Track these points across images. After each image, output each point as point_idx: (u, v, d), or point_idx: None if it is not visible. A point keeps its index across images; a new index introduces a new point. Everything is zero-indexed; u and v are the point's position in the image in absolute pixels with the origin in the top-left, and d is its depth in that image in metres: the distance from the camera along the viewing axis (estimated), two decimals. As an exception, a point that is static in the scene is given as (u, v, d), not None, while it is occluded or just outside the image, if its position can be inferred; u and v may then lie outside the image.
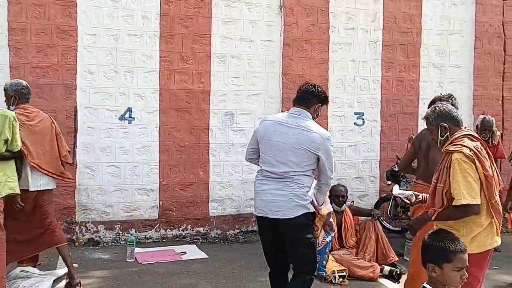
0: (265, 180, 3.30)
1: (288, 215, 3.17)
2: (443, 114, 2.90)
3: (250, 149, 3.54)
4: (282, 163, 3.21)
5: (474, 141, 2.81)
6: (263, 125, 3.42)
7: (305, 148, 3.20)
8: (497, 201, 2.76)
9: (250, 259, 5.29)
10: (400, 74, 7.15)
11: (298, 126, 3.26)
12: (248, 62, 6.51)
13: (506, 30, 7.56)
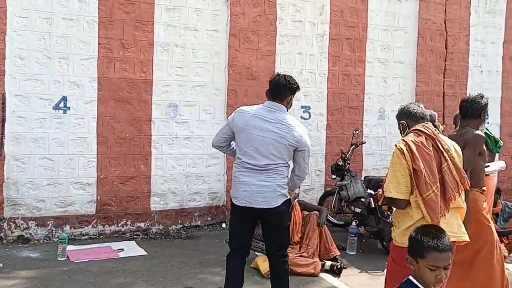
0: (247, 172, 3.41)
1: (273, 204, 3.40)
2: (403, 112, 3.01)
3: (222, 137, 3.61)
4: (264, 156, 3.36)
5: (419, 136, 2.83)
6: (240, 117, 3.47)
7: (285, 142, 3.36)
8: (430, 197, 2.70)
9: (191, 256, 5.13)
10: (346, 68, 7.18)
11: (276, 120, 3.38)
12: (193, 51, 6.30)
13: (448, 28, 7.76)
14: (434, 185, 2.74)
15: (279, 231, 3.54)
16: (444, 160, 2.82)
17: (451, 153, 2.85)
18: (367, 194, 5.85)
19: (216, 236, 5.99)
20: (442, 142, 2.86)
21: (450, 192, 2.79)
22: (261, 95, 6.60)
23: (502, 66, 8.34)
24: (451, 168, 2.82)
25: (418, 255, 2.11)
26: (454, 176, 2.81)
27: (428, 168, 2.76)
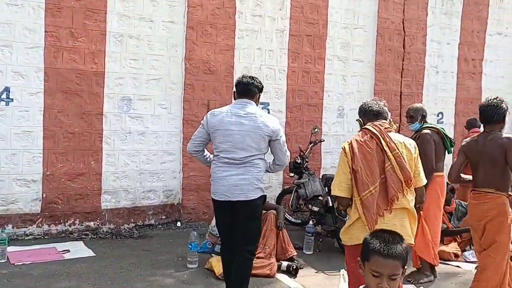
0: (225, 167, 3.49)
1: (250, 197, 3.47)
2: (360, 109, 3.05)
3: (198, 140, 3.69)
4: (241, 149, 3.46)
5: (365, 134, 2.85)
6: (214, 117, 3.58)
7: (260, 133, 3.47)
8: (366, 197, 2.70)
9: (142, 256, 4.90)
10: (306, 65, 7.10)
11: (249, 114, 3.51)
12: (148, 43, 6.04)
13: (406, 27, 7.83)
14: (372, 185, 2.73)
15: (250, 225, 3.57)
16: (387, 160, 2.78)
17: (397, 152, 2.79)
18: (325, 193, 5.80)
19: (170, 236, 5.77)
20: (388, 141, 2.81)
21: (393, 192, 2.75)
22: (219, 90, 6.46)
23: (457, 67, 8.51)
24: (395, 167, 2.77)
25: (364, 257, 1.97)
26: (398, 175, 2.77)
27: (368, 168, 2.76)
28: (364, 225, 2.73)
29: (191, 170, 6.30)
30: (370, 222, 2.69)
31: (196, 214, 6.37)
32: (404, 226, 2.78)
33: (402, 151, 2.82)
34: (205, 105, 6.38)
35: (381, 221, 2.72)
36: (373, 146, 2.80)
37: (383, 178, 2.77)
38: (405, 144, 2.89)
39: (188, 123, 6.28)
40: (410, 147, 2.88)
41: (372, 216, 2.71)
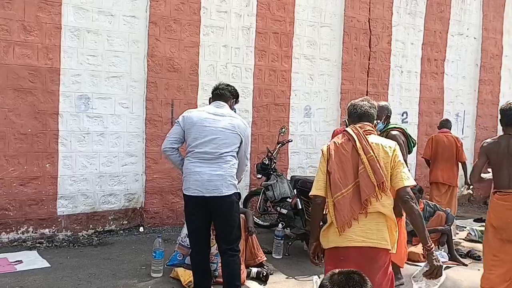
0: (199, 162, 3.53)
1: (225, 193, 3.49)
2: (347, 110, 3.03)
3: (175, 137, 3.71)
4: (216, 144, 3.53)
5: (344, 137, 2.85)
6: (190, 115, 3.66)
7: (234, 131, 3.60)
8: (338, 200, 2.68)
9: (102, 266, 4.59)
10: (273, 63, 6.94)
11: (224, 114, 3.66)
12: (107, 39, 5.70)
13: (372, 26, 7.81)
14: (345, 188, 2.70)
15: (229, 222, 3.59)
16: (361, 163, 2.73)
17: (371, 155, 2.72)
18: (293, 195, 5.66)
19: (132, 242, 5.47)
20: (364, 144, 2.75)
21: (365, 195, 2.68)
22: (184, 88, 6.20)
23: (421, 67, 8.59)
24: (368, 171, 2.70)
25: None
26: (371, 179, 2.69)
27: (341, 170, 2.74)
28: (334, 229, 2.68)
29: (154, 173, 6.02)
30: (340, 225, 2.64)
31: (160, 218, 6.09)
32: (380, 230, 2.69)
33: (378, 153, 2.74)
34: (169, 104, 6.11)
35: (356, 225, 2.65)
36: (348, 149, 2.77)
37: (357, 182, 2.71)
38: (383, 146, 2.80)
39: (151, 123, 5.99)
40: (386, 149, 2.78)
41: (342, 219, 2.65)
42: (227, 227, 3.61)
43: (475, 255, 5.62)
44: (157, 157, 6.02)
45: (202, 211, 3.58)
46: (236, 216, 3.68)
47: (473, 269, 5.21)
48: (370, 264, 2.64)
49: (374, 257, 2.67)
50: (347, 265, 2.47)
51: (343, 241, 2.66)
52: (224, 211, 3.56)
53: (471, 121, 9.48)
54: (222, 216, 3.58)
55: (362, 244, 2.64)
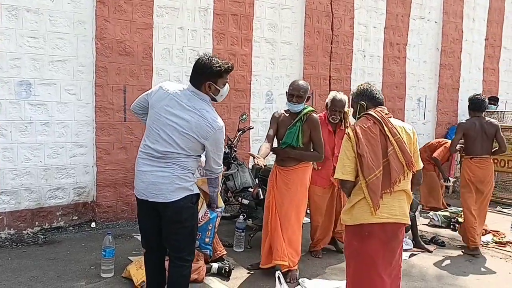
0: (147, 160, 3.03)
1: (169, 199, 2.98)
2: (364, 94, 3.03)
3: (139, 103, 3.24)
4: (166, 142, 2.98)
5: (368, 121, 2.92)
6: (157, 92, 3.08)
7: (192, 135, 2.97)
8: (372, 180, 2.80)
9: (47, 267, 4.20)
10: (232, 47, 6.62)
11: (191, 108, 2.98)
12: (50, 19, 5.22)
13: (334, 9, 7.59)
14: (377, 169, 2.83)
15: (179, 229, 3.06)
16: (390, 144, 2.88)
17: (399, 137, 2.90)
18: (255, 184, 5.41)
19: (82, 239, 5.08)
20: (390, 127, 2.90)
21: (395, 175, 2.85)
22: (137, 73, 5.79)
23: (383, 52, 8.46)
24: (397, 152, 2.88)
25: None
26: (400, 159, 2.88)
27: (373, 152, 2.85)
28: (367, 206, 2.83)
29: (106, 164, 5.62)
30: (376, 204, 2.81)
31: (114, 212, 5.71)
32: (401, 207, 2.91)
33: (403, 136, 2.93)
34: (121, 91, 5.71)
35: (381, 202, 2.84)
36: (376, 132, 2.89)
37: (385, 162, 2.87)
38: (405, 129, 2.99)
39: (102, 111, 5.57)
40: (409, 132, 2.99)
41: (377, 199, 2.82)
42: (173, 235, 3.06)
43: (439, 241, 5.55)
44: (109, 147, 5.62)
45: (149, 215, 3.11)
46: (190, 222, 3.09)
47: (438, 256, 5.14)
48: (393, 240, 2.88)
49: (396, 232, 2.89)
50: (371, 240, 2.84)
51: (369, 218, 2.84)
52: (171, 218, 3.02)
53: (432, 106, 9.48)
54: (169, 223, 3.05)
55: (386, 220, 2.84)
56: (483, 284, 4.37)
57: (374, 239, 2.84)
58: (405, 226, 3.00)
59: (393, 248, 2.89)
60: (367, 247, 2.85)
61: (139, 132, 5.82)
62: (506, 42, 10.74)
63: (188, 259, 3.15)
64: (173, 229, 3.05)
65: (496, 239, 5.68)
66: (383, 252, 2.85)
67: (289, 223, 4.16)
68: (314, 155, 4.28)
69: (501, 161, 7.87)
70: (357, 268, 2.91)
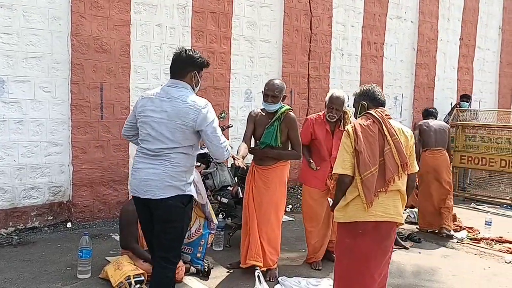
0: (142, 158, 3.06)
1: (158, 196, 2.98)
2: (367, 94, 3.10)
3: (127, 124, 3.25)
4: (156, 139, 3.00)
5: (368, 119, 3.00)
6: (141, 101, 3.13)
7: (178, 123, 2.95)
8: (367, 177, 2.84)
9: (21, 269, 4.11)
10: (211, 45, 6.58)
11: (171, 98, 2.99)
12: (24, 15, 5.10)
13: (312, 8, 7.62)
14: (373, 167, 2.89)
15: (167, 229, 3.03)
16: (386, 143, 2.95)
17: (396, 138, 2.96)
18: (234, 183, 5.39)
19: (58, 240, 4.98)
20: (389, 127, 2.98)
21: (390, 174, 2.91)
22: (114, 71, 5.70)
23: (361, 50, 8.54)
24: (393, 152, 2.94)
25: None
26: (395, 159, 2.94)
27: (370, 150, 2.91)
28: (362, 204, 2.87)
29: (82, 163, 5.52)
30: (369, 201, 2.85)
31: (91, 212, 5.62)
32: (396, 206, 2.96)
33: (401, 137, 3.00)
34: (98, 88, 5.61)
35: (376, 201, 2.89)
36: (375, 130, 2.96)
37: (381, 161, 2.93)
38: (403, 131, 3.06)
39: (78, 109, 5.47)
40: (407, 135, 3.06)
41: (371, 195, 2.86)
42: (162, 233, 3.04)
43: (415, 238, 5.64)
44: (85, 146, 5.52)
45: (143, 211, 3.12)
46: (179, 223, 3.06)
47: (415, 252, 5.22)
48: (386, 239, 2.93)
49: (389, 231, 2.94)
50: (365, 238, 2.87)
51: (364, 216, 2.87)
52: (160, 216, 3.02)
53: (408, 104, 9.62)
54: (158, 222, 3.03)
55: (380, 219, 2.88)
56: (459, 280, 4.45)
57: (367, 237, 2.88)
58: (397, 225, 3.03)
59: (385, 247, 2.94)
60: (361, 245, 2.88)
61: (116, 130, 5.73)
62: (480, 42, 10.99)
63: (173, 261, 3.11)
64: (162, 228, 3.04)
65: (470, 236, 5.79)
66: (376, 250, 2.89)
67: (268, 222, 4.15)
68: (293, 154, 4.28)
69: (475, 158, 8.05)
70: (349, 266, 2.93)
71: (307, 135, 4.49)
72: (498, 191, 8.35)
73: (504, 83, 11.80)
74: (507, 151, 7.68)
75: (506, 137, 7.74)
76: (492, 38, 11.37)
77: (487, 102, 11.44)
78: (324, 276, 4.26)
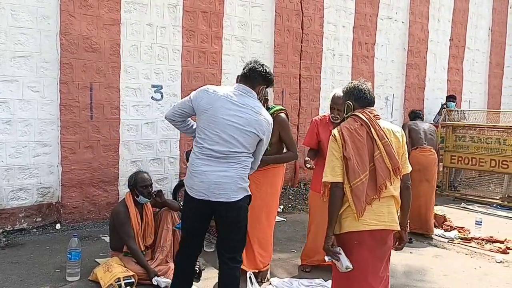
0: (207, 160, 3.04)
1: (232, 198, 3.04)
2: (351, 93, 2.91)
3: (179, 111, 3.20)
4: (228, 142, 3.02)
5: (355, 122, 2.82)
6: (206, 96, 3.09)
7: (252, 131, 3.05)
8: (357, 185, 2.70)
9: (9, 271, 4.04)
10: (202, 44, 6.54)
11: (246, 105, 3.07)
12: (12, 13, 5.03)
13: (304, 8, 7.62)
14: (363, 173, 2.74)
15: (235, 230, 3.14)
16: (376, 148, 2.78)
17: (386, 141, 2.79)
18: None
19: (47, 242, 4.92)
20: (377, 129, 2.80)
21: (381, 180, 2.76)
22: (104, 71, 5.65)
23: (352, 51, 8.55)
24: (384, 156, 2.78)
25: None
26: (386, 164, 2.78)
27: (358, 156, 2.75)
28: (353, 213, 2.73)
29: (72, 163, 5.45)
30: (359, 210, 2.72)
31: (80, 213, 5.55)
32: (390, 212, 2.81)
33: (391, 139, 2.83)
34: (88, 88, 5.55)
35: (369, 209, 2.75)
36: (363, 134, 2.79)
37: (371, 166, 2.78)
38: (393, 131, 2.88)
39: (67, 109, 5.40)
40: (398, 135, 2.89)
41: (361, 204, 2.72)
42: (233, 234, 3.13)
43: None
44: (74, 146, 5.46)
45: (203, 214, 3.15)
46: (244, 223, 3.19)
47: (406, 252, 5.21)
48: (381, 246, 2.79)
49: (385, 238, 2.79)
50: (360, 248, 2.73)
51: (358, 226, 2.74)
52: (231, 218, 3.09)
53: (399, 105, 9.66)
54: (228, 223, 3.12)
55: (375, 228, 2.74)
56: (450, 279, 4.47)
57: (362, 247, 2.74)
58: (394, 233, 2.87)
59: (381, 253, 2.80)
60: (356, 256, 2.74)
61: (106, 130, 5.68)
62: (470, 43, 11.06)
63: (240, 260, 3.22)
64: (232, 229, 3.12)
65: (461, 236, 5.82)
66: (372, 259, 2.77)
67: (260, 225, 4.11)
68: (289, 156, 4.19)
69: (465, 158, 8.09)
70: (347, 276, 2.77)
71: (312, 136, 4.37)
72: (488, 191, 8.41)
73: (493, 84, 11.90)
74: (497, 151, 7.73)
75: (496, 137, 7.79)
76: (482, 39, 11.46)
77: (477, 103, 11.52)
78: (316, 277, 4.24)
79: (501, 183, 8.11)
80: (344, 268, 2.70)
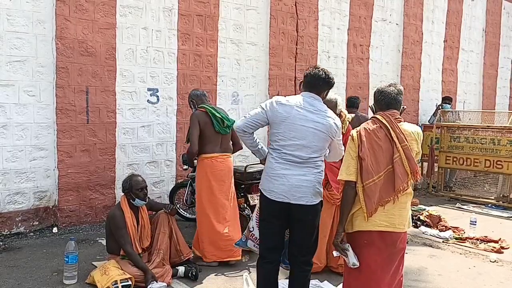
0: (287, 165, 3.14)
1: (312, 202, 3.15)
2: (374, 96, 2.98)
3: (253, 122, 3.22)
4: (307, 147, 3.14)
5: (374, 124, 2.87)
6: (281, 107, 3.16)
7: (326, 133, 3.17)
8: (369, 186, 2.73)
9: (6, 275, 4.05)
10: (198, 47, 6.57)
11: (318, 111, 3.17)
12: (8, 18, 5.05)
13: (299, 10, 7.66)
14: (376, 175, 2.76)
15: (311, 233, 3.24)
16: (396, 151, 2.80)
17: (406, 144, 2.80)
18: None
19: (44, 245, 4.93)
20: (398, 133, 2.81)
21: (399, 183, 2.77)
22: (100, 74, 5.67)
23: (347, 53, 8.61)
24: (403, 159, 2.79)
25: None
26: (405, 167, 2.80)
27: (374, 157, 2.78)
28: (363, 213, 2.77)
29: (68, 167, 5.47)
30: (370, 210, 2.76)
31: (77, 216, 5.57)
32: (401, 215, 2.83)
33: (412, 142, 2.84)
34: (83, 92, 5.57)
35: (381, 210, 2.77)
36: (381, 136, 2.82)
37: (389, 169, 2.79)
38: (413, 133, 2.89)
39: (63, 113, 5.42)
40: (418, 136, 2.91)
41: (372, 205, 2.75)
42: (308, 236, 3.21)
43: (403, 238, 5.68)
44: (71, 150, 5.48)
45: (282, 217, 3.20)
46: (318, 226, 3.29)
47: (401, 253, 5.26)
48: (391, 248, 2.78)
49: (396, 240, 2.79)
50: (370, 248, 2.75)
51: (367, 225, 2.77)
52: (308, 221, 3.18)
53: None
54: (304, 226, 3.19)
55: (385, 229, 2.76)
56: (445, 279, 4.50)
57: (371, 247, 2.77)
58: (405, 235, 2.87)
59: (391, 255, 2.79)
60: (365, 255, 2.78)
61: (102, 134, 5.71)
62: (464, 44, 11.14)
63: (312, 263, 3.33)
64: (308, 232, 3.21)
65: (456, 235, 5.86)
66: (381, 260, 2.77)
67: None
68: None
69: (460, 159, 8.15)
70: (357, 278, 2.81)
71: None
72: (483, 191, 8.46)
73: (487, 84, 11.98)
74: (492, 151, 7.79)
75: (490, 138, 7.85)
76: (476, 40, 11.54)
77: (472, 103, 11.60)
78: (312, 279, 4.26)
79: (495, 183, 8.16)
80: (350, 264, 2.79)
